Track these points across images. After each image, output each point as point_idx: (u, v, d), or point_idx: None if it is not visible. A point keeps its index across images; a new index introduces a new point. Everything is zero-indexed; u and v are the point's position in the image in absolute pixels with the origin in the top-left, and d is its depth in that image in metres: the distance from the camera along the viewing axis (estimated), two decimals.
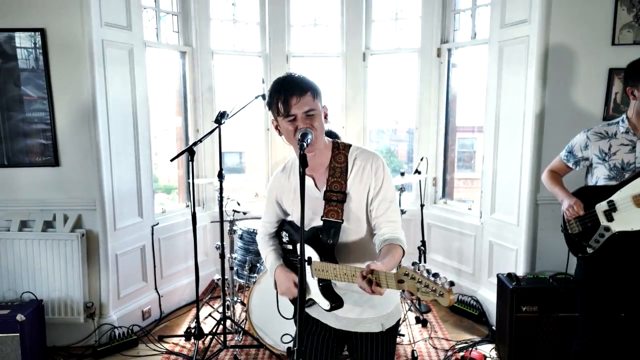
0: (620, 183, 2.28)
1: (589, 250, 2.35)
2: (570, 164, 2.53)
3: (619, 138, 2.34)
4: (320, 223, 1.64)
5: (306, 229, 1.65)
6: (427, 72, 4.30)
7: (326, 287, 1.65)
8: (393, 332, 1.76)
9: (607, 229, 2.30)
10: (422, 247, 3.85)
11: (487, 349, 3.33)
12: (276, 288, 1.80)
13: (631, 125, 2.33)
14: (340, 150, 1.69)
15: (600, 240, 2.32)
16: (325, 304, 1.65)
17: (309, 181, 1.68)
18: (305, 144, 1.48)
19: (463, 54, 4.23)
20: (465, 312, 3.85)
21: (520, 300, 2.98)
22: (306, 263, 1.58)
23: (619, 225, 2.28)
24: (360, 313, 1.71)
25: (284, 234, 1.87)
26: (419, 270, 1.28)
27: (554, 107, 3.23)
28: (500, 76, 3.54)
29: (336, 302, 1.64)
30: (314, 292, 1.68)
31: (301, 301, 1.49)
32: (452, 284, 1.24)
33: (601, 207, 2.31)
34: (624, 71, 2.37)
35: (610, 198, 2.29)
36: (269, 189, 1.85)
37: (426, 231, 4.06)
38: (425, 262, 3.94)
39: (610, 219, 2.30)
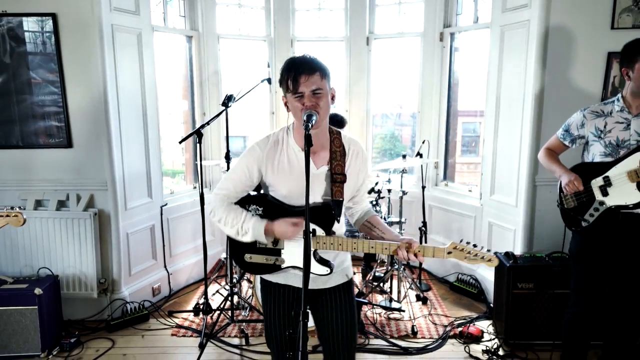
0: (616, 159, 2.38)
1: (584, 224, 2.45)
2: (566, 142, 2.61)
3: (614, 116, 2.42)
4: (318, 199, 1.79)
5: (302, 204, 1.69)
6: (430, 56, 4.36)
7: (320, 257, 1.80)
8: (351, 281, 1.98)
9: (602, 203, 2.40)
10: (423, 228, 3.96)
11: (485, 325, 3.45)
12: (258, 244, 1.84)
13: (626, 104, 2.41)
14: (334, 135, 1.83)
15: (595, 214, 2.42)
16: (323, 270, 1.79)
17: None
18: (310, 125, 1.56)
19: (466, 38, 4.28)
20: (465, 290, 3.98)
21: (516, 277, 3.09)
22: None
23: (613, 199, 2.38)
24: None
25: (253, 207, 1.83)
26: (466, 244, 1.74)
27: (553, 91, 3.30)
28: (501, 60, 3.61)
29: (330, 266, 1.80)
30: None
31: (306, 275, 1.52)
32: (495, 253, 1.78)
33: (597, 182, 2.41)
34: (620, 53, 2.44)
35: (606, 174, 2.39)
36: (249, 158, 1.80)
37: (427, 212, 4.16)
38: (426, 241, 4.05)
39: (605, 193, 2.40)
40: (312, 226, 1.74)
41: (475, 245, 1.75)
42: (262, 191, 1.91)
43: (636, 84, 2.33)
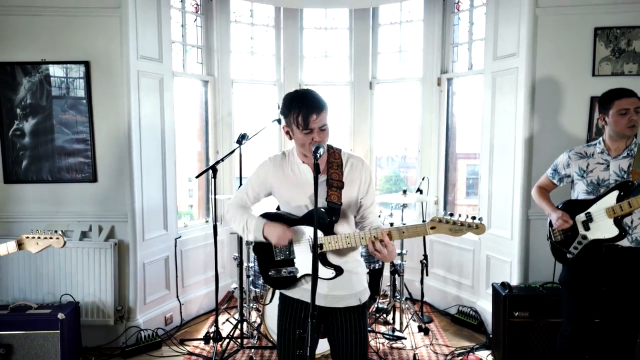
0: (597, 197, 2.60)
1: (569, 256, 2.65)
2: (555, 181, 2.86)
3: (596, 157, 2.66)
4: (318, 205, 1.92)
5: (303, 212, 2.00)
6: (429, 99, 4.68)
7: (324, 259, 1.96)
8: (364, 305, 2.11)
9: (584, 237, 2.61)
10: (424, 261, 4.14)
11: (484, 354, 3.58)
12: (262, 243, 2.02)
13: (606, 147, 2.65)
14: (333, 149, 2.07)
15: (579, 247, 2.62)
16: (328, 273, 1.95)
17: (307, 170, 2.03)
18: (319, 155, 1.82)
19: (462, 83, 4.61)
20: (465, 322, 4.11)
21: (512, 306, 3.26)
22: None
23: (594, 233, 2.59)
24: (342, 290, 2.03)
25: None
26: (449, 215, 1.80)
27: (542, 132, 3.57)
28: (493, 104, 3.90)
29: (337, 270, 1.95)
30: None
31: (314, 275, 1.75)
32: (481, 219, 1.80)
33: (580, 218, 2.63)
34: (598, 101, 2.71)
35: (588, 210, 2.60)
36: (259, 168, 2.11)
37: (428, 247, 4.35)
38: (427, 274, 4.21)
39: (587, 228, 2.60)
40: (311, 229, 1.91)
41: (460, 215, 1.79)
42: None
43: (611, 129, 2.59)
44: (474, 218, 1.77)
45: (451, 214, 1.80)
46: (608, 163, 2.62)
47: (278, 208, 2.17)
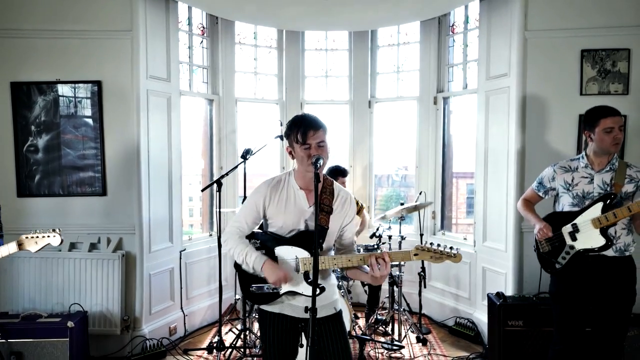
0: (582, 209, 2.73)
1: (557, 266, 2.77)
2: (540, 194, 2.98)
3: (580, 171, 2.80)
4: (309, 229, 2.11)
5: (292, 233, 2.11)
6: (425, 117, 4.86)
7: (308, 278, 2.07)
8: (340, 313, 2.22)
9: (572, 247, 2.73)
10: (422, 273, 4.25)
11: None
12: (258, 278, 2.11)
13: (589, 161, 2.79)
14: (326, 179, 2.22)
15: (566, 257, 2.74)
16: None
17: (303, 197, 2.14)
18: (318, 165, 1.96)
19: (457, 102, 4.79)
20: (462, 333, 4.21)
21: (506, 315, 3.37)
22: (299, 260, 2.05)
23: (581, 244, 2.71)
24: (319, 301, 2.05)
25: (252, 241, 2.17)
26: (430, 245, 2.01)
27: (533, 149, 3.73)
28: (487, 121, 4.07)
29: (321, 289, 2.04)
30: (302, 286, 2.08)
31: (313, 293, 1.86)
32: (458, 249, 2.02)
33: (566, 229, 2.75)
34: (583, 117, 2.86)
35: (574, 221, 2.73)
36: (256, 194, 2.17)
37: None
38: (425, 287, 4.33)
39: (574, 238, 2.73)
40: (300, 250, 2.07)
41: (444, 247, 2.00)
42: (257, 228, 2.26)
43: (597, 145, 2.73)
44: (451, 248, 2.00)
45: (431, 244, 2.01)
46: (592, 177, 2.75)
47: (261, 227, 2.26)
